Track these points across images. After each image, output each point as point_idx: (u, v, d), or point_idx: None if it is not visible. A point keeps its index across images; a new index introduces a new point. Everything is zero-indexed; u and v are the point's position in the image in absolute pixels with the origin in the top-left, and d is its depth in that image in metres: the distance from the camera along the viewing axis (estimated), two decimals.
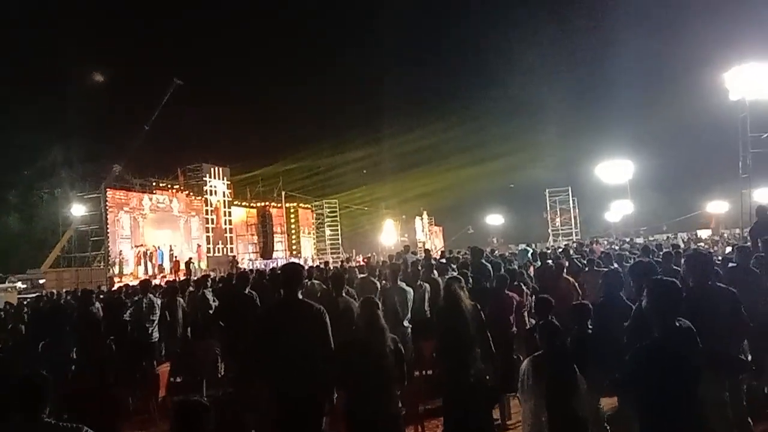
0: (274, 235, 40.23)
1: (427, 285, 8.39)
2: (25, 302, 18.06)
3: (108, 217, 29.21)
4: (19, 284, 28.38)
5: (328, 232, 44.68)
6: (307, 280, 10.43)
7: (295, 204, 43.86)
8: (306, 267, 18.14)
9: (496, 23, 48.77)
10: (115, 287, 20.37)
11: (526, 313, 7.91)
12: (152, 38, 43.22)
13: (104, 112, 36.57)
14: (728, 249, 17.60)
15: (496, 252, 20.78)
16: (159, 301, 9.39)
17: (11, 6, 34.92)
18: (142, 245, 30.87)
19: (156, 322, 9.08)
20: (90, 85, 36.30)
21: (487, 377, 5.08)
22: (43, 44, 36.89)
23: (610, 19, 36.97)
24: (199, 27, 46.88)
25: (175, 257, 31.14)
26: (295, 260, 39.19)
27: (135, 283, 18.70)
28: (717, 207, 35.94)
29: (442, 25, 54.50)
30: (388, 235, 46.49)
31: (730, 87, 18.61)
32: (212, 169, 36.68)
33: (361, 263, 25.00)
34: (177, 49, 43.90)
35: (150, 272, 29.85)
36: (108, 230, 29.14)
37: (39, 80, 37.37)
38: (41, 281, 28.16)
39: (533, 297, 9.69)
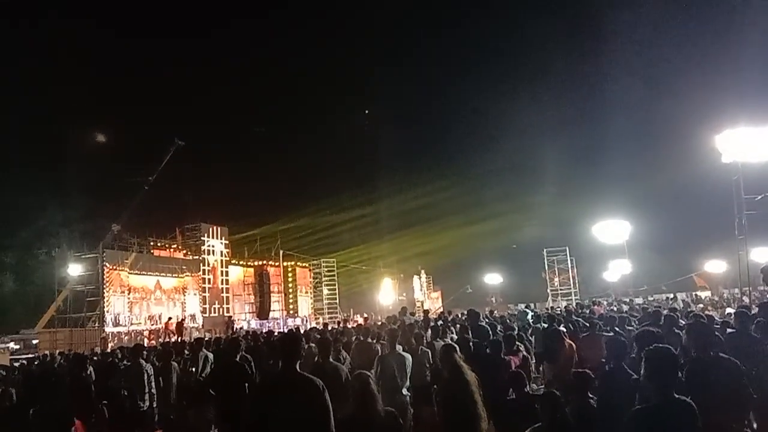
0: (272, 295, 39.94)
1: (428, 350, 8.27)
2: (17, 365, 17.74)
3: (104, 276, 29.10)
4: (11, 345, 27.99)
5: (325, 291, 44.40)
6: (304, 344, 10.31)
7: (292, 263, 43.72)
8: (305, 328, 18.01)
9: (494, 84, 49.87)
10: (109, 349, 20.11)
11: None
12: (151, 98, 44.08)
13: (103, 172, 36.94)
14: (729, 310, 17.51)
15: (495, 312, 20.62)
16: (150, 368, 9.22)
17: (9, 65, 35.83)
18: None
19: (148, 388, 8.89)
20: (89, 144, 36.85)
21: None
22: (41, 104, 37.54)
23: (606, 83, 37.90)
24: (198, 87, 47.84)
25: (169, 317, 30.87)
26: (292, 320, 38.85)
27: (129, 343, 18.46)
28: (715, 267, 35.94)
29: (440, 84, 55.74)
30: (386, 294, 46.24)
31: (722, 150, 18.91)
32: (210, 229, 36.69)
33: (360, 323, 24.77)
34: (176, 109, 44.70)
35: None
36: (104, 289, 28.96)
37: (37, 140, 37.89)
38: (35, 342, 27.77)
39: (534, 361, 9.60)
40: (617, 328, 10.08)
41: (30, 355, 22.91)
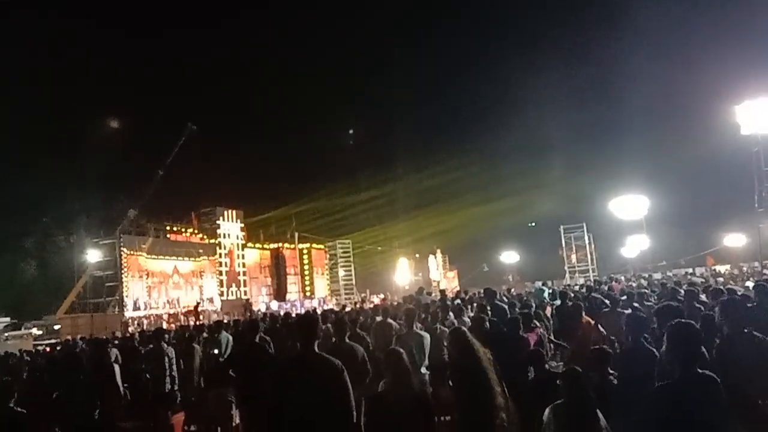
0: (288, 277, 40.22)
1: (446, 330, 8.25)
2: (40, 350, 18.04)
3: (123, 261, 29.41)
4: (34, 330, 28.48)
5: (341, 272, 44.57)
6: (321, 324, 10.31)
7: (308, 245, 43.89)
8: (321, 309, 18.08)
9: (508, 62, 49.37)
10: (129, 332, 20.35)
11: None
12: (165, 86, 44.31)
13: (119, 159, 37.30)
14: (748, 283, 17.29)
15: (513, 290, 20.54)
16: (172, 351, 9.29)
17: (27, 59, 36.28)
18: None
19: (169, 371, 8.97)
20: (105, 133, 37.19)
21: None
22: (59, 95, 37.95)
23: (622, 56, 37.28)
24: (211, 73, 47.95)
25: (197, 302, 31.20)
26: (309, 302, 39.09)
27: (148, 327, 18.68)
28: (734, 240, 35.52)
29: (455, 64, 55.29)
30: (402, 274, 46.32)
31: (741, 122, 18.59)
32: (226, 212, 36.85)
33: (377, 303, 24.85)
34: (190, 95, 44.95)
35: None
36: (123, 274, 29.28)
37: (56, 131, 38.36)
38: (56, 327, 28.21)
39: (551, 340, 9.53)
40: (636, 304, 9.99)
41: (52, 341, 23.31)
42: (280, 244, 41.51)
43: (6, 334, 27.99)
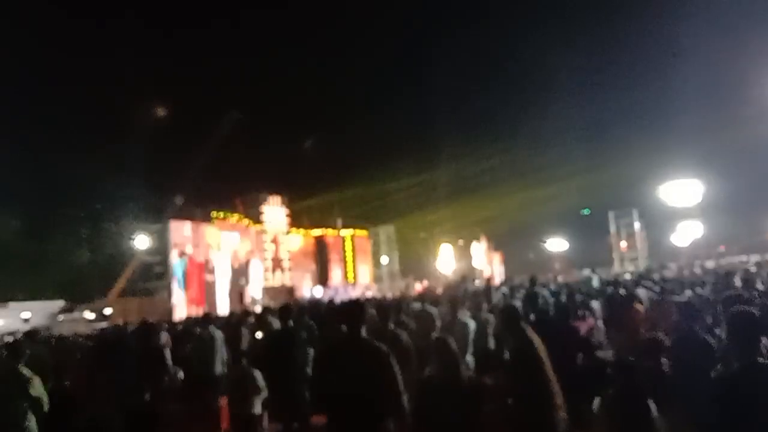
0: (331, 263, 40.49)
1: (491, 316, 8.13)
2: (92, 333, 18.60)
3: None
4: (87, 313, 29.45)
5: (384, 259, 44.60)
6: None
7: (351, 231, 44.04)
8: (364, 296, 18.17)
9: (556, 45, 48.23)
10: (178, 318, 20.81)
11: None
12: (211, 74, 45.03)
13: (167, 147, 38.15)
14: None
15: (560, 278, 20.22)
16: (221, 334, 9.40)
17: (78, 53, 37.46)
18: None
19: (217, 355, 9.09)
20: (154, 122, 38.09)
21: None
22: (110, 87, 39.10)
23: (674, 35, 36.00)
24: (257, 61, 48.49)
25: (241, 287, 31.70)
26: (352, 288, 39.33)
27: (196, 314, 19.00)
28: None
29: (499, 46, 54.52)
30: (445, 261, 46.07)
31: None
32: (270, 199, 37.30)
33: (419, 291, 24.80)
34: (236, 83, 45.57)
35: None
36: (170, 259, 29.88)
37: (107, 121, 39.54)
38: (107, 311, 29.07)
39: (602, 327, 9.32)
40: (688, 292, 9.69)
41: (104, 324, 24.05)
42: (324, 231, 41.78)
43: (61, 317, 29.07)
